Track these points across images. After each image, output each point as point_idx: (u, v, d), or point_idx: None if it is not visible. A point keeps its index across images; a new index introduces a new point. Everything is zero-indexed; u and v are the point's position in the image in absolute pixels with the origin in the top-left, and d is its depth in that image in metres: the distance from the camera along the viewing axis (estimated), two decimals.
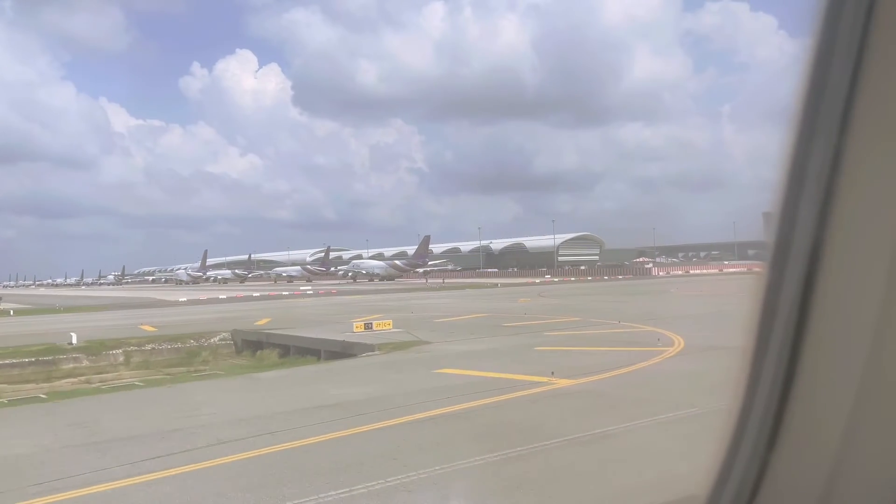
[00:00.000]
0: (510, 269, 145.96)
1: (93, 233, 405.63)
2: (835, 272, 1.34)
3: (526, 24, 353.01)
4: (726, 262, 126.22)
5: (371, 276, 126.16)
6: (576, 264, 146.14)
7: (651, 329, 24.13)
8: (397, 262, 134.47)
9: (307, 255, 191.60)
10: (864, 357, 1.29)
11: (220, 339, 30.08)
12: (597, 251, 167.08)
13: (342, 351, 23.30)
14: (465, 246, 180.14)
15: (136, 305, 61.89)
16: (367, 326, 27.43)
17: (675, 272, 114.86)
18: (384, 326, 27.82)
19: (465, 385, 14.18)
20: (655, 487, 7.20)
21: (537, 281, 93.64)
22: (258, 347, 28.41)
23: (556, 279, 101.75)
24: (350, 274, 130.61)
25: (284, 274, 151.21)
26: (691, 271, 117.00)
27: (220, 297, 73.78)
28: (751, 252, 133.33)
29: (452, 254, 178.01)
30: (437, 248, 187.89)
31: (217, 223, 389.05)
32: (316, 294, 76.55)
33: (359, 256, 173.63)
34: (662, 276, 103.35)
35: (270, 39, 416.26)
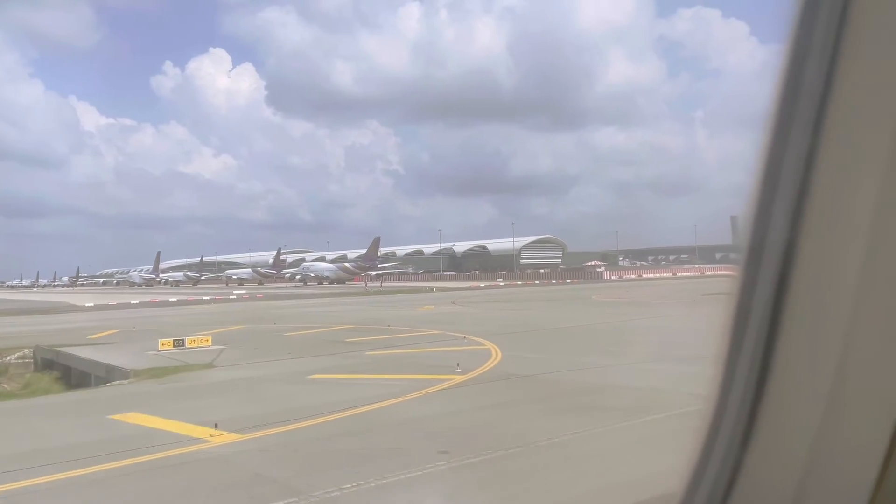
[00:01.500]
0: (472, 272, 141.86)
1: (61, 233, 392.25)
2: (808, 274, 1.36)
3: (502, 27, 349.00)
4: (696, 266, 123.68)
5: (320, 279, 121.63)
6: (538, 267, 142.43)
7: (490, 346, 20.80)
8: (347, 264, 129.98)
9: (269, 256, 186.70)
10: (836, 357, 1.31)
11: (19, 357, 25.88)
12: (559, 254, 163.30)
13: (105, 376, 19.30)
14: (429, 248, 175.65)
15: (31, 311, 57.08)
16: (178, 344, 23.39)
17: (628, 276, 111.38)
18: (201, 343, 23.85)
19: (79, 447, 10.26)
20: None
21: (482, 285, 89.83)
22: (54, 367, 24.28)
23: (503, 283, 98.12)
24: (298, 277, 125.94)
25: (235, 276, 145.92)
26: (644, 275, 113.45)
27: (133, 301, 69.31)
28: (718, 255, 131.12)
29: (415, 256, 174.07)
30: (400, 250, 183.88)
31: (190, 223, 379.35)
32: (239, 298, 72.18)
33: (322, 258, 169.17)
34: (613, 280, 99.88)
35: (244, 38, 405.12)
